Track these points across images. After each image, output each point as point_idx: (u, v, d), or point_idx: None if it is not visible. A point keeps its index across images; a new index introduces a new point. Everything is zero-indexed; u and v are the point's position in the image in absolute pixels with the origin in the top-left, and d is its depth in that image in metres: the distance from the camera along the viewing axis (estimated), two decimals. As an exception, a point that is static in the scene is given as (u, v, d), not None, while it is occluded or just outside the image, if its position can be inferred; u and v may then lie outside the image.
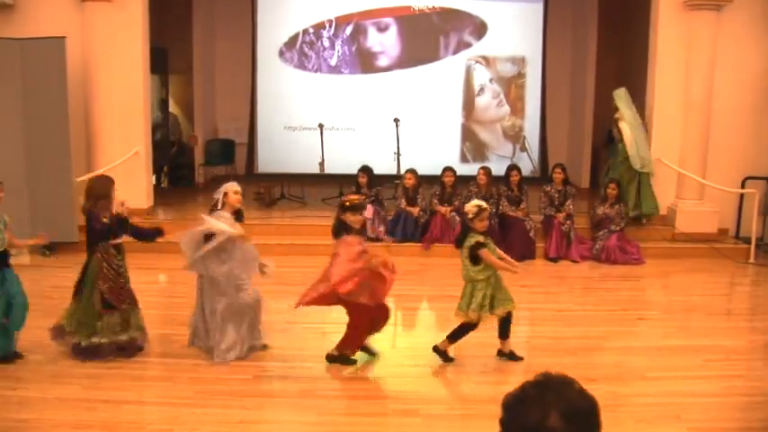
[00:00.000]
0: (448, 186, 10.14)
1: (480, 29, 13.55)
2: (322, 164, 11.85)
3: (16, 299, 5.97)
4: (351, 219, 5.90)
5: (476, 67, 13.65)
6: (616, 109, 10.51)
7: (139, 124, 10.49)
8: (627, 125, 10.28)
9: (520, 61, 13.70)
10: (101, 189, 6.19)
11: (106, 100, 10.19)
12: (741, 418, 5.21)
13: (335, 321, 6.17)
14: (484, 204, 5.98)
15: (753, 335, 7.10)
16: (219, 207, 6.11)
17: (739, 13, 10.23)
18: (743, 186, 10.44)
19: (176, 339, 6.54)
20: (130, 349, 6.09)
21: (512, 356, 6.09)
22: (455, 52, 13.59)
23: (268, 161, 13.57)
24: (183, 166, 14.16)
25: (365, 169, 10.30)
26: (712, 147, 10.41)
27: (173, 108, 14.74)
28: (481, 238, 5.87)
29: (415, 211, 10.06)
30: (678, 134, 10.48)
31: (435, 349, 6.08)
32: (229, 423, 4.99)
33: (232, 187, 6.16)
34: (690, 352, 6.36)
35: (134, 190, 10.44)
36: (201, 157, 13.91)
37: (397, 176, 10.94)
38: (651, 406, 5.18)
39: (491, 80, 13.70)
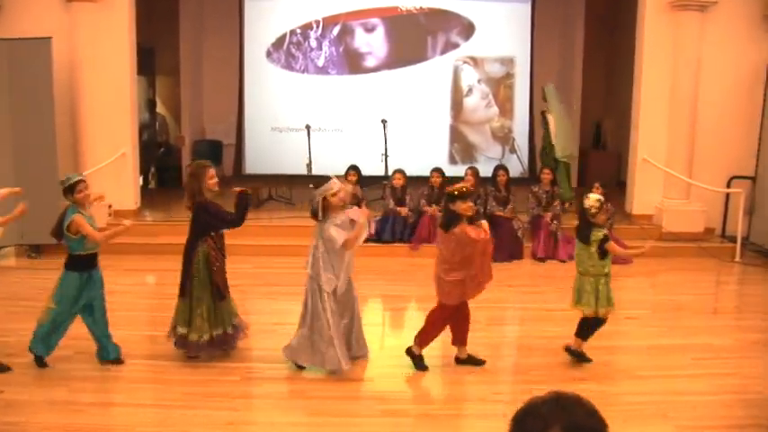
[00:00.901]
0: (436, 187, 10.16)
1: (468, 29, 13.55)
2: (309, 165, 11.82)
3: (96, 302, 5.96)
4: (462, 207, 5.73)
5: (464, 67, 13.64)
6: (545, 101, 11.09)
7: (126, 125, 10.46)
8: (553, 118, 10.77)
9: (508, 62, 13.69)
10: (193, 182, 5.94)
11: (93, 101, 10.15)
12: (728, 416, 5.24)
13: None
14: (602, 198, 5.99)
15: (740, 333, 7.14)
16: (320, 216, 5.80)
17: (724, 13, 10.29)
18: (729, 186, 10.51)
19: (164, 341, 6.50)
20: (234, 339, 6.08)
21: (580, 356, 6.09)
22: (443, 53, 13.58)
23: (255, 162, 13.53)
24: (171, 166, 14.13)
25: (355, 168, 10.31)
26: (699, 147, 10.49)
27: (160, 109, 14.71)
28: (606, 232, 5.92)
29: (404, 211, 10.08)
30: (665, 134, 10.54)
31: (569, 350, 6.06)
32: (218, 425, 4.98)
33: (330, 190, 5.80)
34: (677, 351, 6.39)
35: (121, 191, 10.44)
36: (189, 157, 13.86)
37: (385, 177, 10.94)
38: (639, 405, 5.20)
39: (479, 81, 13.69)
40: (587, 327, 6.01)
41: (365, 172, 10.61)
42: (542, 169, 10.39)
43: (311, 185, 6.14)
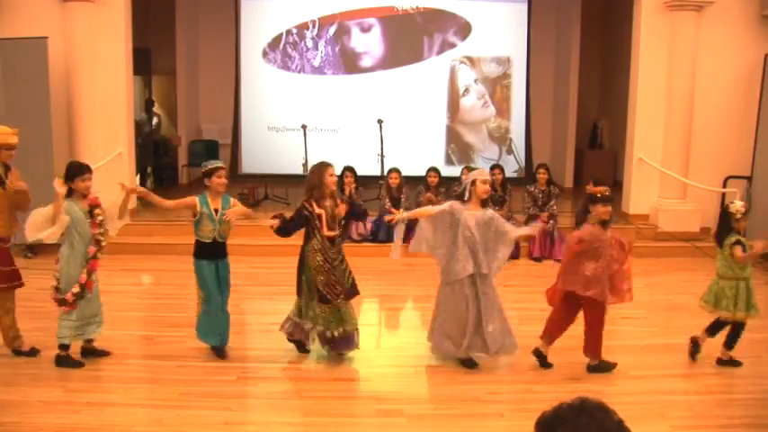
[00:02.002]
0: (432, 187, 10.15)
1: (465, 29, 13.56)
2: (305, 165, 11.81)
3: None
4: (601, 210, 5.77)
5: (460, 67, 13.65)
6: None
7: (122, 125, 10.43)
8: None
9: (505, 61, 13.71)
10: (313, 178, 6.01)
11: (89, 101, 10.13)
12: (723, 416, 5.24)
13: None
14: (744, 205, 6.07)
15: (735, 333, 7.14)
16: (467, 197, 5.94)
17: (720, 13, 10.30)
18: (725, 186, 10.52)
19: (159, 341, 6.51)
20: (344, 343, 6.02)
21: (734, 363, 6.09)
22: (439, 53, 13.59)
23: (252, 162, 13.53)
24: (167, 166, 14.11)
25: (351, 169, 10.31)
26: (694, 146, 10.50)
27: (157, 109, 14.69)
28: (740, 237, 5.97)
29: (399, 212, 10.05)
30: (661, 134, 10.54)
31: (721, 362, 6.06)
32: (214, 425, 4.97)
33: (481, 175, 5.98)
34: (673, 350, 6.38)
35: (117, 191, 10.37)
36: (185, 157, 13.85)
37: (381, 178, 10.94)
38: (635, 404, 5.19)
39: (476, 81, 13.70)
40: (733, 335, 6.03)
41: (361, 172, 10.60)
42: (538, 169, 10.37)
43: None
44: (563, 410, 2.02)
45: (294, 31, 13.51)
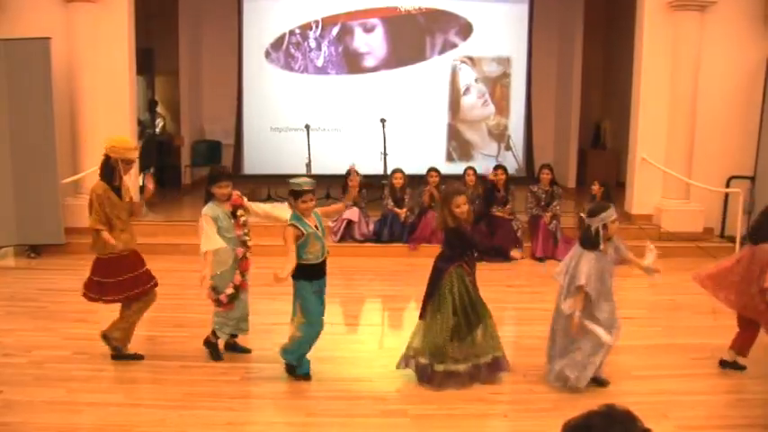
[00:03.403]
0: (434, 187, 10.15)
1: (466, 29, 13.57)
2: (309, 164, 11.82)
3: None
4: None
5: (461, 67, 13.66)
6: None
7: (125, 125, 10.41)
8: None
9: (505, 61, 13.72)
10: (444, 211, 5.63)
11: (92, 101, 10.13)
12: (727, 416, 5.23)
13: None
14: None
15: (738, 333, 7.14)
16: (602, 246, 5.57)
17: (723, 13, 10.28)
18: (728, 186, 10.50)
19: (163, 341, 6.51)
20: (495, 368, 5.71)
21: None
22: (441, 53, 13.60)
23: (254, 162, 13.53)
24: (170, 167, 14.10)
25: (356, 171, 10.31)
26: (698, 146, 10.48)
27: (160, 109, 14.70)
28: None
29: (402, 213, 10.06)
30: (664, 134, 10.52)
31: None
32: (217, 425, 4.96)
33: (611, 216, 5.54)
34: (676, 350, 6.38)
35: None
36: (188, 158, 13.86)
37: (384, 176, 10.94)
38: (638, 404, 5.12)
39: (476, 80, 13.72)
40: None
41: (364, 171, 10.60)
42: (542, 169, 10.36)
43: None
44: (592, 418, 2.04)
45: (297, 31, 13.51)
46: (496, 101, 13.83)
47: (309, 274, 5.56)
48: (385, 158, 11.55)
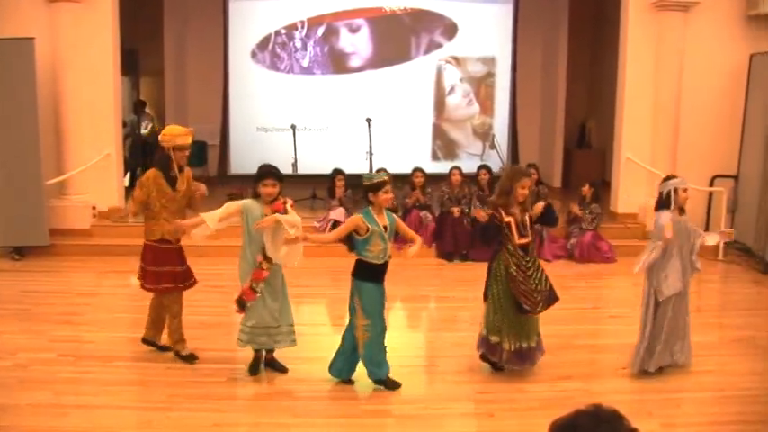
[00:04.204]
0: (419, 188, 10.16)
1: (451, 30, 13.58)
2: (295, 164, 11.81)
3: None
4: None
5: (446, 67, 13.67)
6: None
7: (110, 126, 10.37)
8: None
9: (490, 61, 13.74)
10: (505, 183, 5.74)
11: (76, 102, 10.06)
12: (712, 413, 5.26)
13: (308, 323, 6.14)
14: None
15: (722, 331, 7.19)
16: (672, 207, 5.79)
17: (707, 13, 10.33)
18: (712, 185, 10.56)
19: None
20: (531, 356, 5.77)
21: None
22: (426, 53, 13.60)
23: (241, 162, 13.48)
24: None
25: (341, 172, 10.30)
26: (682, 146, 10.52)
27: (148, 110, 14.64)
28: None
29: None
30: (648, 133, 10.57)
31: None
32: (204, 426, 4.95)
33: (682, 183, 5.90)
34: (661, 349, 6.40)
35: (105, 192, 10.36)
36: (173, 158, 13.78)
37: (370, 177, 10.93)
38: (624, 402, 5.15)
39: (461, 80, 13.74)
40: None
41: (349, 170, 10.59)
42: (528, 168, 10.34)
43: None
44: (579, 418, 2.05)
45: (283, 31, 13.48)
46: (481, 100, 13.85)
47: (370, 275, 5.46)
48: (370, 158, 11.55)
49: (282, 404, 5.37)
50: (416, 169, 10.34)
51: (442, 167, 11.17)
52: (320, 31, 13.47)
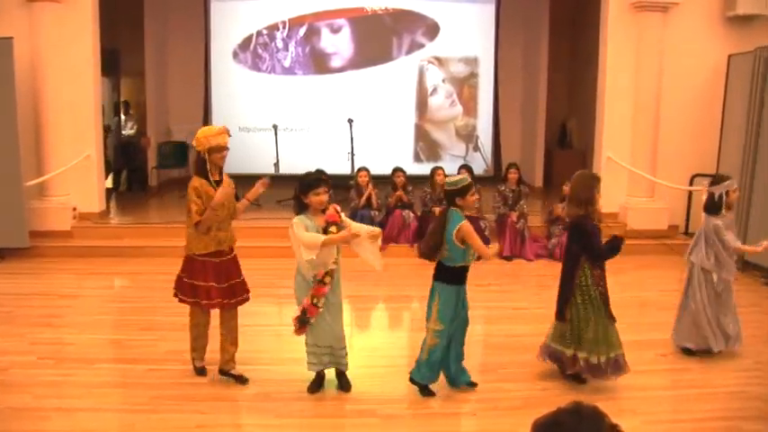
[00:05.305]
0: (400, 187, 10.16)
1: (433, 30, 13.60)
2: (277, 164, 11.80)
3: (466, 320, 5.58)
4: None
5: (428, 67, 13.70)
6: None
7: (90, 127, 10.30)
8: None
9: (472, 62, 13.77)
10: (583, 192, 5.64)
11: (56, 102, 9.99)
12: (692, 410, 5.30)
13: (291, 324, 6.09)
14: None
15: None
16: (723, 211, 6.06)
17: (686, 14, 10.42)
18: (692, 184, 10.64)
19: (130, 345, 6.44)
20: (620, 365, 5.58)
21: None
22: (408, 53, 13.62)
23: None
24: (137, 169, 13.97)
25: (324, 173, 10.26)
26: (662, 145, 10.61)
27: (131, 110, 14.57)
28: None
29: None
30: (629, 133, 10.64)
31: None
32: (187, 428, 4.92)
33: (733, 185, 6.09)
34: (643, 347, 6.43)
35: (86, 194, 10.29)
36: (155, 159, 13.73)
37: (351, 177, 10.93)
38: (607, 400, 5.22)
39: (444, 80, 13.76)
40: None
41: (331, 171, 10.54)
42: (509, 168, 10.40)
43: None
44: (561, 416, 2.06)
45: (264, 32, 13.46)
46: (464, 101, 13.87)
47: (457, 277, 5.37)
48: (352, 159, 11.56)
49: (266, 405, 5.35)
50: (397, 169, 10.35)
51: (425, 169, 11.16)
52: (302, 31, 13.46)
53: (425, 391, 5.47)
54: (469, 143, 13.87)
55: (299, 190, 5.42)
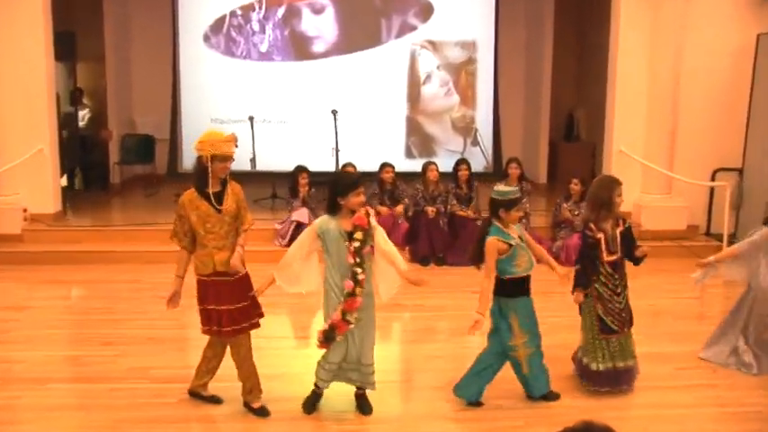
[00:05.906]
0: (387, 184, 10.14)
1: (426, 10, 13.58)
2: (253, 160, 11.78)
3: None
4: None
5: (421, 52, 13.67)
6: None
7: (43, 118, 10.24)
8: None
9: (470, 46, 13.75)
10: (601, 193, 5.84)
11: (5, 91, 9.94)
12: (714, 431, 5.30)
13: (267, 336, 6.07)
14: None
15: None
16: None
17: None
18: (713, 179, 10.65)
19: (89, 362, 6.40)
20: (626, 378, 5.82)
21: None
22: (398, 36, 13.59)
23: (193, 158, 13.32)
24: (96, 165, 13.89)
25: (306, 169, 10.27)
26: (680, 137, 10.59)
27: (85, 100, 14.50)
28: None
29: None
30: (642, 124, 10.62)
31: None
32: (151, 454, 4.90)
33: None
34: (658, 360, 6.44)
35: (38, 193, 10.23)
36: (117, 154, 13.67)
37: (335, 174, 10.91)
38: (620, 420, 5.21)
39: (438, 67, 13.73)
40: None
41: (313, 167, 10.56)
42: (509, 163, 10.38)
43: None
44: None
45: (239, 12, 13.41)
46: (461, 90, 13.85)
47: (520, 289, 5.55)
48: (337, 154, 11.53)
49: (239, 426, 5.33)
50: (385, 164, 10.32)
51: (418, 166, 11.12)
52: (280, 12, 13.42)
53: (551, 396, 5.72)
54: (467, 137, 13.84)
55: (337, 191, 5.25)
